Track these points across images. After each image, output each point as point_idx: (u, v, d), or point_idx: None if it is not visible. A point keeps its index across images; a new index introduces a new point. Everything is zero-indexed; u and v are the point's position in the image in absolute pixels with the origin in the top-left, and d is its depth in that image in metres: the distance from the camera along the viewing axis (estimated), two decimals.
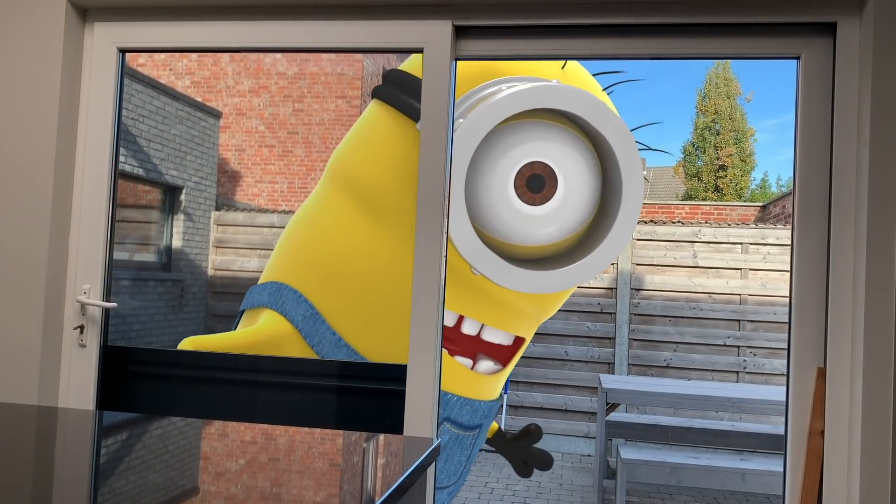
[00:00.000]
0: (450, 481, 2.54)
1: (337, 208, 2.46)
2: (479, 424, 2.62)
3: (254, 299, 2.52)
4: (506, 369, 2.64)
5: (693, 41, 1.94)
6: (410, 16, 2.01)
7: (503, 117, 2.38)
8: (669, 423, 4.52)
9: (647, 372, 5.80)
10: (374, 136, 2.42)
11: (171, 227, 6.85)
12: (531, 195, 2.42)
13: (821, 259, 1.86)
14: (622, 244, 2.41)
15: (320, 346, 2.34)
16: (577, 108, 2.37)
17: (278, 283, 2.46)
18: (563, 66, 2.53)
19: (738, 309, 5.76)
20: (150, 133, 6.66)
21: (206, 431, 1.55)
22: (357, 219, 2.42)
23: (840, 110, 1.85)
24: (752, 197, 15.29)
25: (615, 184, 2.42)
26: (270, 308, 2.44)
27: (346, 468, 1.33)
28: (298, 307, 2.39)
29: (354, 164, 2.46)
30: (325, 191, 2.53)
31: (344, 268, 2.40)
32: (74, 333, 2.13)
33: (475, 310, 2.51)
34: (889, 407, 1.72)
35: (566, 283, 2.48)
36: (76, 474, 1.18)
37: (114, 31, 2.15)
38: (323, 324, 2.36)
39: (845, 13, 1.85)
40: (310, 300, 2.39)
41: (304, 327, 2.37)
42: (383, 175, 2.36)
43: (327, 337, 2.36)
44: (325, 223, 2.48)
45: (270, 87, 8.81)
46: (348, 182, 2.46)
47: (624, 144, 2.37)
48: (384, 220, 2.33)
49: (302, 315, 2.38)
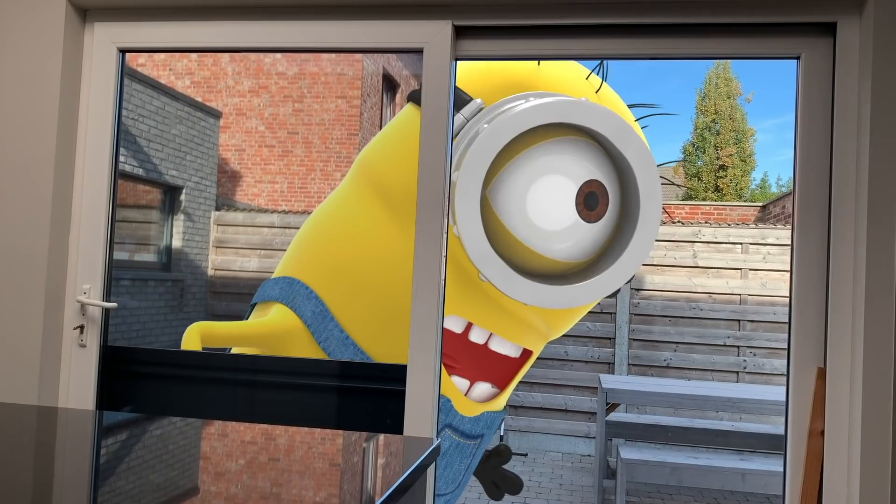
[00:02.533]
0: (448, 489, 2.51)
1: (360, 208, 2.45)
2: (482, 434, 2.57)
3: (266, 293, 2.52)
4: (503, 393, 2.59)
5: (693, 41, 1.94)
6: (410, 16, 2.01)
7: (527, 127, 2.34)
8: (669, 423, 4.52)
9: (647, 372, 5.80)
10: (407, 139, 2.39)
11: (171, 227, 6.85)
12: (587, 212, 2.39)
13: (821, 259, 1.86)
14: (633, 269, 2.36)
15: (328, 342, 2.34)
16: (602, 126, 2.32)
17: (290, 279, 2.46)
18: (597, 91, 2.48)
19: (738, 309, 5.76)
20: (150, 133, 6.66)
21: (206, 431, 1.55)
22: (380, 220, 2.42)
23: (840, 110, 1.85)
24: (752, 197, 15.29)
25: (632, 208, 2.39)
26: (281, 302, 2.44)
27: (346, 468, 1.33)
28: (308, 303, 2.39)
29: (385, 166, 2.45)
30: (349, 190, 2.52)
31: (358, 267, 2.40)
32: (74, 333, 2.13)
33: (485, 318, 2.47)
34: (889, 407, 1.72)
35: (568, 301, 2.42)
36: (76, 474, 1.18)
37: (114, 31, 2.15)
38: (332, 321, 2.36)
39: (845, 13, 1.85)
40: (320, 297, 2.39)
41: (313, 323, 2.37)
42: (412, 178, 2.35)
43: (335, 334, 2.36)
44: (345, 222, 2.47)
45: (270, 87, 8.82)
46: (376, 183, 2.45)
47: (646, 169, 2.32)
48: (408, 222, 2.31)
49: (312, 311, 2.38)
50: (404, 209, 2.33)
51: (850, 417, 1.79)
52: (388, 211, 2.41)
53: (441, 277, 1.97)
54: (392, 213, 2.40)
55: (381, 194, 2.43)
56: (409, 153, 2.32)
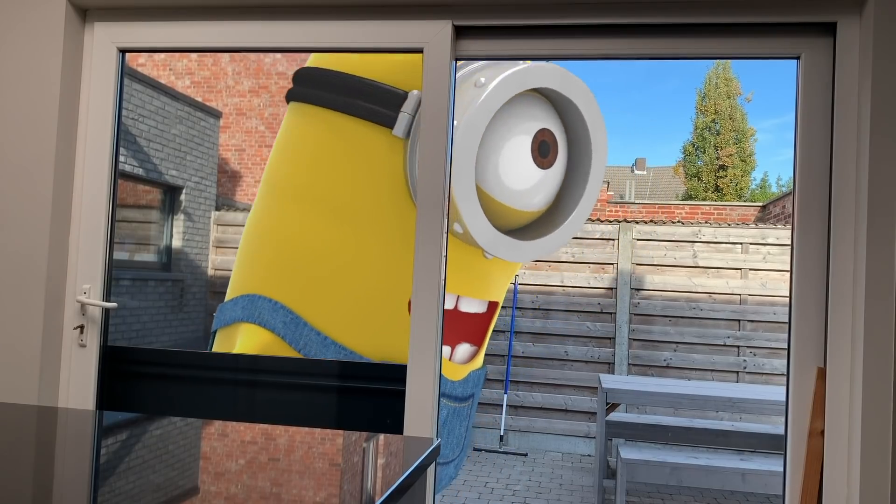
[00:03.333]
0: (454, 454, 2.61)
1: (287, 216, 2.48)
2: (472, 394, 2.74)
3: (226, 317, 2.51)
4: (481, 349, 2.76)
5: (693, 41, 1.94)
6: (410, 16, 2.01)
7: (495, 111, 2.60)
8: (669, 423, 4.52)
9: (647, 372, 5.80)
10: (299, 137, 2.45)
11: (171, 227, 6.85)
12: (541, 159, 2.68)
13: (821, 259, 1.86)
14: (594, 200, 2.67)
15: (307, 348, 2.34)
16: (551, 82, 2.63)
17: (250, 296, 2.45)
18: None
19: (738, 309, 5.76)
20: (150, 133, 6.66)
21: (206, 431, 1.55)
22: (309, 220, 2.43)
23: (840, 110, 1.85)
24: (752, 197, 15.29)
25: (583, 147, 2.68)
26: (247, 321, 2.44)
27: (346, 468, 1.33)
28: (276, 314, 2.39)
29: (288, 169, 2.48)
30: (266, 204, 2.54)
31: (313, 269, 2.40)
32: (74, 333, 2.13)
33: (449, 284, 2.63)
34: (889, 407, 1.72)
35: (562, 242, 2.72)
36: (76, 474, 1.18)
37: (114, 31, 2.15)
38: (305, 326, 2.36)
39: (845, 13, 1.85)
40: (287, 306, 2.40)
41: (287, 333, 2.37)
42: (322, 173, 2.39)
43: (312, 338, 2.36)
44: (278, 231, 2.48)
45: (270, 87, 8.81)
46: (288, 189, 2.47)
47: (589, 104, 2.64)
48: (338, 215, 2.36)
49: (282, 321, 2.38)
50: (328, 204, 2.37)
51: (850, 417, 1.79)
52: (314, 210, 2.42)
53: (441, 277, 1.97)
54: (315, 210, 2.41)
55: (298, 199, 2.45)
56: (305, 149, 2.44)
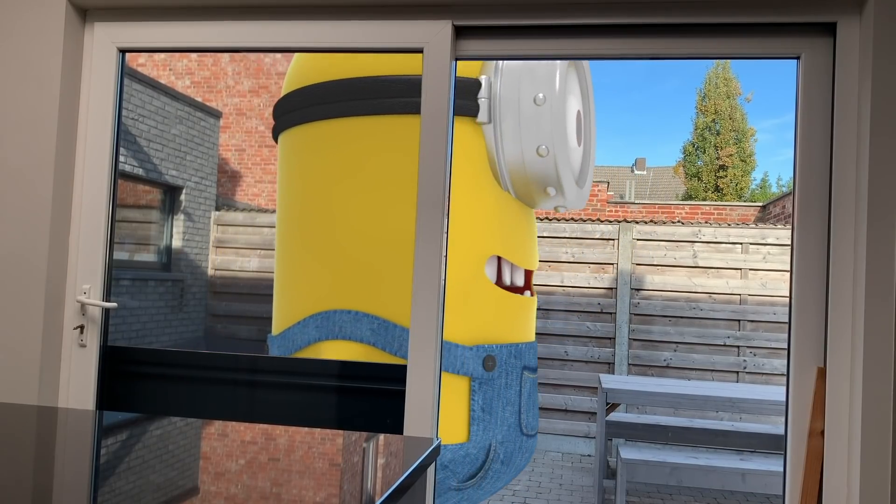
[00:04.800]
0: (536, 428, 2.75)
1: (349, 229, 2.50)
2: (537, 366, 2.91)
3: (296, 342, 2.45)
4: None
5: (693, 41, 1.94)
6: (410, 16, 2.01)
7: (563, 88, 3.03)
8: (669, 423, 4.52)
9: (647, 372, 5.80)
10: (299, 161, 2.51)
11: (171, 227, 6.85)
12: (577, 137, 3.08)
13: (821, 259, 1.86)
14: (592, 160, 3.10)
15: (402, 349, 2.31)
16: None
17: (324, 313, 2.40)
18: None
19: (738, 309, 5.76)
20: (150, 133, 6.66)
21: (206, 431, 1.55)
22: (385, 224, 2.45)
23: (840, 110, 1.85)
24: (752, 197, 15.29)
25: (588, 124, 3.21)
26: (326, 339, 2.40)
27: (346, 468, 1.33)
28: (360, 324, 2.36)
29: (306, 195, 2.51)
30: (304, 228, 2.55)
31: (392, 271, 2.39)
32: (74, 333, 2.13)
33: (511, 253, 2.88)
34: (889, 407, 1.72)
35: None
36: (76, 474, 1.18)
37: (114, 31, 2.15)
38: (395, 328, 2.35)
39: (845, 13, 1.85)
40: (371, 313, 2.37)
41: (378, 339, 2.35)
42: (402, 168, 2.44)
43: (406, 338, 2.33)
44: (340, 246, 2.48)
45: (270, 87, 8.81)
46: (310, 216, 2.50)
47: None
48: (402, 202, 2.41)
49: (369, 329, 2.35)
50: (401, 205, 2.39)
51: (850, 417, 1.79)
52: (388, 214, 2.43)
53: (441, 277, 1.97)
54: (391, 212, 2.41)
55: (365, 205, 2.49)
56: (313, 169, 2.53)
